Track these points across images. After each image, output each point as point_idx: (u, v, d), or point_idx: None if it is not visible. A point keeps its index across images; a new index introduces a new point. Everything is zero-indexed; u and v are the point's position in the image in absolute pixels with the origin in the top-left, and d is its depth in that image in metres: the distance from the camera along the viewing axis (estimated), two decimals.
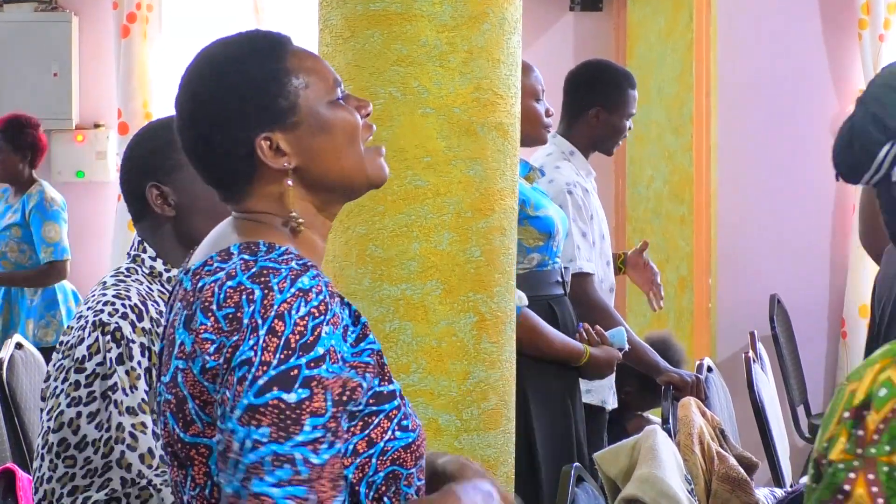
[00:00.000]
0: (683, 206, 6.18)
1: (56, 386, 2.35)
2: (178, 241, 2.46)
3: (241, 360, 1.70)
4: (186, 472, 1.82)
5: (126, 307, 2.36)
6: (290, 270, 1.75)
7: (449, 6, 2.99)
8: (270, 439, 1.68)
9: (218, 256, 1.82)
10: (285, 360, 1.69)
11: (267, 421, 1.68)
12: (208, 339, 1.74)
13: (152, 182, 2.44)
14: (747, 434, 4.36)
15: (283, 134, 1.85)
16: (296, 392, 1.69)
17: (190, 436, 1.79)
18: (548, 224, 3.79)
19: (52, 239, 5.94)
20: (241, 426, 1.68)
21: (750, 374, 4.19)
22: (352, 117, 1.89)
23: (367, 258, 3.01)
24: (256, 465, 1.67)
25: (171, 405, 1.80)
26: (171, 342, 1.82)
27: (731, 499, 3.27)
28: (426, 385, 2.97)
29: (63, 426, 2.31)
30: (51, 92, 6.53)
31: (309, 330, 1.71)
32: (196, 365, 1.76)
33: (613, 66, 4.57)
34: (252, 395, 1.69)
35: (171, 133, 2.46)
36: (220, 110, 1.85)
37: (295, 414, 1.69)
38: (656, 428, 3.17)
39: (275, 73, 1.85)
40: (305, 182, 1.87)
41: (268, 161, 1.85)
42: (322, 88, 1.88)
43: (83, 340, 2.34)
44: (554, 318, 3.81)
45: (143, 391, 2.33)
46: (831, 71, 6.20)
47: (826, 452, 1.57)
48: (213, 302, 1.75)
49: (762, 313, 5.91)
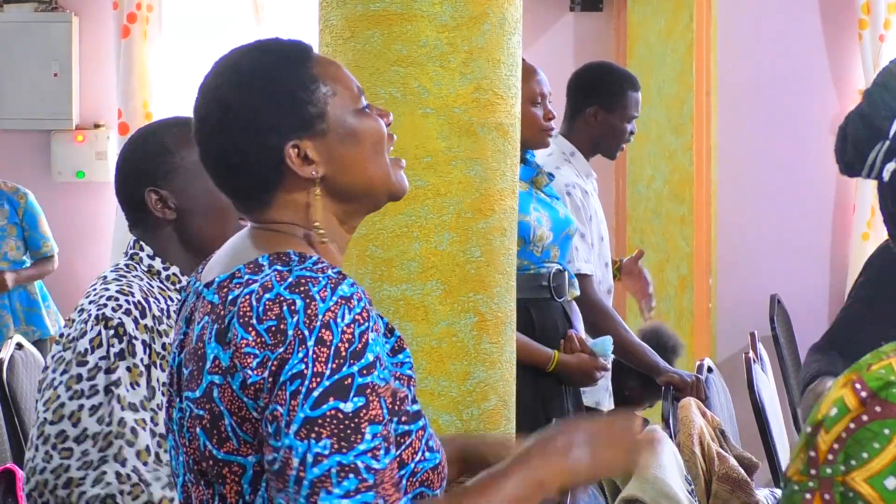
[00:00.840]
0: (683, 206, 6.18)
1: (55, 378, 2.35)
2: (182, 242, 2.46)
3: (293, 373, 1.67)
4: (214, 490, 1.78)
5: (129, 303, 2.36)
6: (328, 279, 1.72)
7: (449, 6, 2.99)
8: (333, 451, 1.64)
9: (247, 269, 1.77)
10: (338, 370, 1.66)
11: (327, 433, 1.65)
12: (250, 353, 1.70)
13: (150, 187, 2.45)
14: (747, 434, 4.36)
15: (311, 142, 1.82)
16: (352, 401, 1.66)
17: (224, 453, 1.75)
18: (522, 229, 3.77)
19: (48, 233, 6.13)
20: (301, 441, 1.65)
21: (750, 374, 4.19)
22: (378, 126, 1.87)
23: (368, 258, 3.01)
24: (322, 478, 1.64)
25: (203, 421, 1.75)
26: (199, 356, 1.77)
27: (732, 499, 3.27)
28: (426, 385, 2.97)
29: (63, 418, 2.31)
30: (51, 92, 6.53)
31: (356, 337, 1.68)
32: (236, 380, 1.71)
33: (615, 67, 4.57)
34: (308, 408, 1.65)
35: (164, 137, 2.47)
36: (250, 118, 1.81)
37: (354, 423, 1.66)
38: (656, 428, 3.17)
39: (303, 81, 1.83)
40: (331, 192, 1.84)
41: (296, 169, 1.81)
42: (348, 97, 1.86)
43: (85, 334, 2.34)
44: (530, 321, 3.82)
45: (145, 388, 2.33)
46: (831, 71, 6.20)
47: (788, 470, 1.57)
48: (252, 316, 1.71)
49: (762, 313, 5.91)
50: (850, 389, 1.54)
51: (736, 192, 6.16)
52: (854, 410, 1.52)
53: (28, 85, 6.54)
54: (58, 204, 6.48)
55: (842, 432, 1.52)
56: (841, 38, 6.19)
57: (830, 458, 1.51)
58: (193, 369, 1.78)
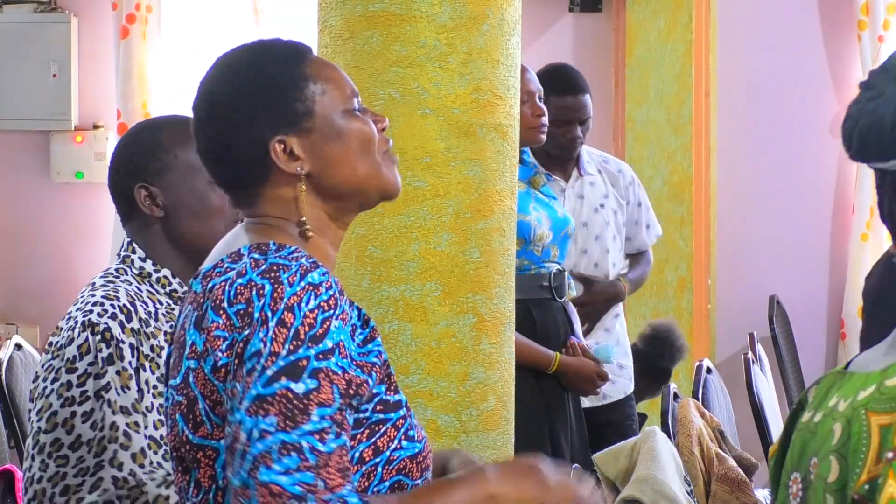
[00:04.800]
0: (683, 207, 6.18)
1: (46, 386, 2.34)
2: (168, 241, 2.45)
3: (252, 352, 1.71)
4: (191, 476, 1.82)
5: (115, 307, 2.36)
6: (300, 266, 1.76)
7: (448, 7, 2.99)
8: (278, 428, 1.68)
9: (229, 258, 1.82)
10: (294, 351, 1.70)
11: (274, 410, 1.68)
12: (220, 336, 1.75)
13: (140, 183, 2.44)
14: (746, 435, 4.36)
15: (297, 138, 1.86)
16: (304, 382, 1.70)
17: (199, 437, 1.79)
18: (522, 229, 3.77)
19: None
20: (249, 416, 1.69)
21: (749, 375, 4.19)
22: (367, 128, 1.90)
23: (367, 259, 3.01)
24: (264, 454, 1.67)
25: (181, 407, 1.80)
26: (181, 344, 1.82)
27: (731, 500, 3.27)
28: (425, 386, 2.97)
29: (56, 426, 2.31)
30: (50, 93, 6.52)
31: (318, 322, 1.72)
32: (207, 364, 1.76)
33: (551, 70, 4.24)
34: (261, 385, 1.69)
35: (159, 134, 2.47)
36: (236, 111, 1.86)
37: (302, 404, 1.69)
38: (655, 429, 3.17)
39: (292, 78, 1.87)
40: (318, 189, 1.88)
41: (281, 164, 1.86)
42: (338, 97, 1.89)
43: (73, 341, 2.34)
44: (532, 322, 3.81)
45: (135, 391, 2.33)
46: (830, 72, 6.20)
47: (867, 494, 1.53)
48: (223, 300, 1.76)
49: (761, 314, 5.91)
50: None
51: (735, 192, 6.15)
52: None
53: (27, 85, 6.53)
54: (57, 204, 6.48)
55: None
56: (840, 38, 6.19)
57: None
58: (175, 357, 1.83)
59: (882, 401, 1.54)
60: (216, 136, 1.88)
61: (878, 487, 1.51)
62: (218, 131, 1.88)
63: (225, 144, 1.87)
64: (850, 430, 1.55)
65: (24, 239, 6.48)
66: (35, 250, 6.47)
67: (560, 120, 4.21)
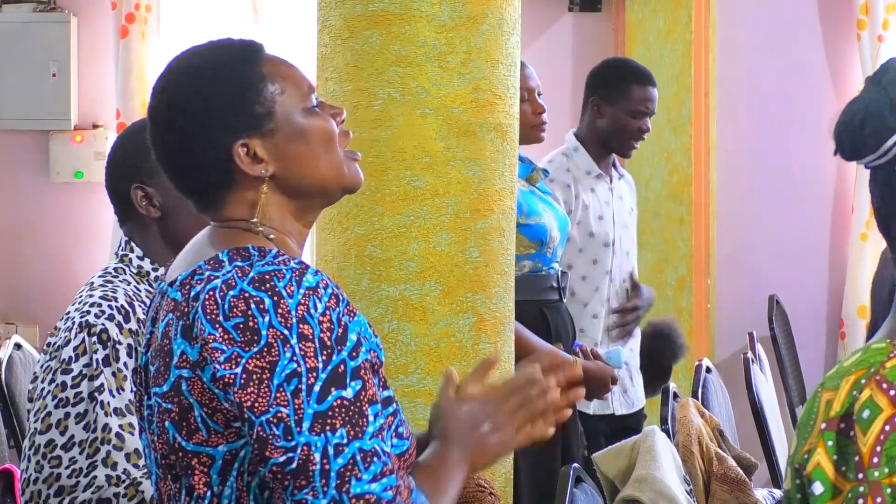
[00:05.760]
0: (682, 207, 6.18)
1: (43, 387, 2.34)
2: (165, 241, 2.45)
3: (287, 374, 1.70)
4: (181, 484, 1.81)
5: (113, 308, 2.35)
6: (291, 271, 1.75)
7: (448, 6, 2.99)
8: (349, 438, 1.70)
9: (207, 265, 1.80)
10: (329, 360, 1.71)
11: (339, 422, 1.70)
12: (218, 348, 1.73)
13: (136, 184, 2.44)
14: (746, 435, 4.36)
15: (260, 140, 1.85)
16: (350, 386, 1.72)
17: (193, 444, 1.78)
18: (539, 232, 3.76)
19: None
20: (317, 435, 1.69)
21: (749, 374, 4.19)
22: (327, 124, 1.89)
23: (366, 259, 3.01)
24: (348, 467, 1.69)
25: (171, 414, 1.78)
26: (166, 353, 1.79)
27: (730, 499, 3.27)
28: (425, 386, 2.97)
29: (51, 427, 2.31)
30: (49, 92, 6.52)
31: (335, 323, 1.73)
32: (206, 373, 1.74)
33: (625, 62, 4.49)
34: (315, 403, 1.70)
35: None
36: (197, 117, 1.85)
37: (357, 407, 1.71)
38: (655, 429, 3.17)
39: (251, 80, 1.85)
40: (283, 188, 1.87)
41: (245, 168, 1.84)
42: (297, 95, 1.88)
43: (69, 342, 2.34)
44: (545, 324, 3.79)
45: (131, 392, 2.32)
46: (830, 71, 6.20)
47: (805, 464, 1.57)
48: (218, 313, 1.73)
49: (761, 314, 5.91)
50: (878, 389, 1.55)
51: (734, 192, 6.15)
52: (886, 410, 1.54)
53: (26, 85, 6.52)
54: (56, 204, 6.48)
55: (879, 434, 1.52)
56: (839, 38, 6.19)
57: (875, 462, 1.52)
58: (160, 365, 1.80)
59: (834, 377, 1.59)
60: (176, 143, 1.86)
61: (811, 457, 1.56)
62: (178, 139, 1.86)
63: (186, 151, 1.86)
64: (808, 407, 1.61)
65: (24, 239, 6.47)
66: (35, 250, 6.46)
67: (639, 111, 4.25)
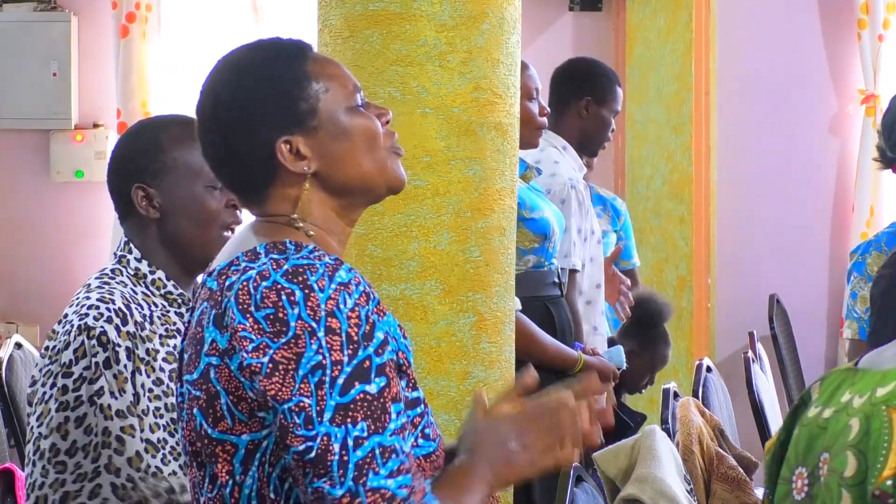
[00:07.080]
0: (682, 206, 6.18)
1: (45, 391, 2.33)
2: (163, 243, 2.44)
3: (312, 365, 1.72)
4: (206, 471, 1.82)
5: (110, 311, 2.34)
6: (325, 266, 1.77)
7: (448, 6, 2.99)
8: (370, 432, 1.72)
9: (245, 256, 1.82)
10: (354, 354, 1.73)
11: (361, 416, 1.72)
12: (247, 337, 1.75)
13: (138, 183, 2.43)
14: (746, 434, 4.36)
15: (303, 138, 1.87)
16: (374, 382, 1.74)
17: (218, 432, 1.79)
18: (543, 226, 3.77)
19: None
20: (337, 427, 1.71)
21: (749, 374, 4.19)
22: (371, 123, 1.91)
23: (367, 258, 3.01)
24: (367, 459, 1.71)
25: (199, 401, 1.80)
26: (198, 340, 1.82)
27: (731, 499, 3.27)
28: (425, 385, 2.97)
29: (53, 431, 2.30)
30: (50, 92, 6.52)
31: (363, 320, 1.75)
32: (234, 361, 1.76)
33: (594, 61, 4.58)
34: (338, 395, 1.72)
35: (159, 135, 2.45)
36: (241, 113, 1.86)
37: (380, 402, 1.73)
38: (655, 428, 3.17)
39: (295, 77, 1.87)
40: (325, 186, 1.89)
41: (287, 164, 1.86)
42: (342, 94, 1.90)
43: (69, 345, 2.33)
44: (551, 320, 3.79)
45: (131, 394, 2.31)
46: (830, 71, 6.20)
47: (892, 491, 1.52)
48: (250, 303, 1.75)
49: (761, 313, 5.91)
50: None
51: (735, 191, 6.15)
52: None
53: (27, 84, 6.52)
54: (56, 204, 6.48)
55: None
56: (840, 37, 6.18)
57: None
58: (192, 353, 1.83)
59: None
60: (221, 139, 1.88)
61: None
62: (223, 135, 1.88)
63: (231, 147, 1.88)
64: (869, 426, 1.55)
65: (24, 238, 6.48)
66: (35, 249, 6.47)
67: (616, 111, 4.36)
